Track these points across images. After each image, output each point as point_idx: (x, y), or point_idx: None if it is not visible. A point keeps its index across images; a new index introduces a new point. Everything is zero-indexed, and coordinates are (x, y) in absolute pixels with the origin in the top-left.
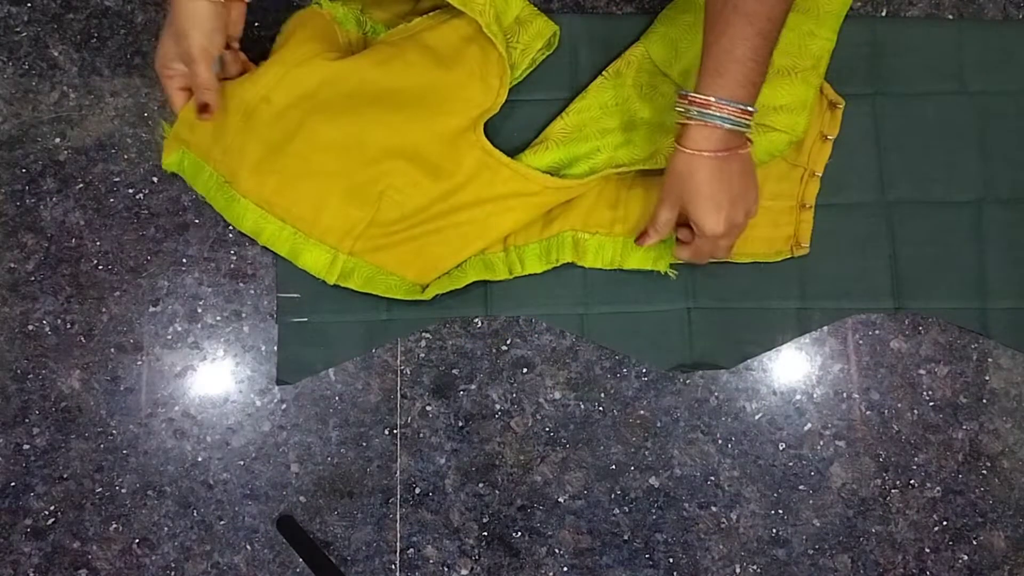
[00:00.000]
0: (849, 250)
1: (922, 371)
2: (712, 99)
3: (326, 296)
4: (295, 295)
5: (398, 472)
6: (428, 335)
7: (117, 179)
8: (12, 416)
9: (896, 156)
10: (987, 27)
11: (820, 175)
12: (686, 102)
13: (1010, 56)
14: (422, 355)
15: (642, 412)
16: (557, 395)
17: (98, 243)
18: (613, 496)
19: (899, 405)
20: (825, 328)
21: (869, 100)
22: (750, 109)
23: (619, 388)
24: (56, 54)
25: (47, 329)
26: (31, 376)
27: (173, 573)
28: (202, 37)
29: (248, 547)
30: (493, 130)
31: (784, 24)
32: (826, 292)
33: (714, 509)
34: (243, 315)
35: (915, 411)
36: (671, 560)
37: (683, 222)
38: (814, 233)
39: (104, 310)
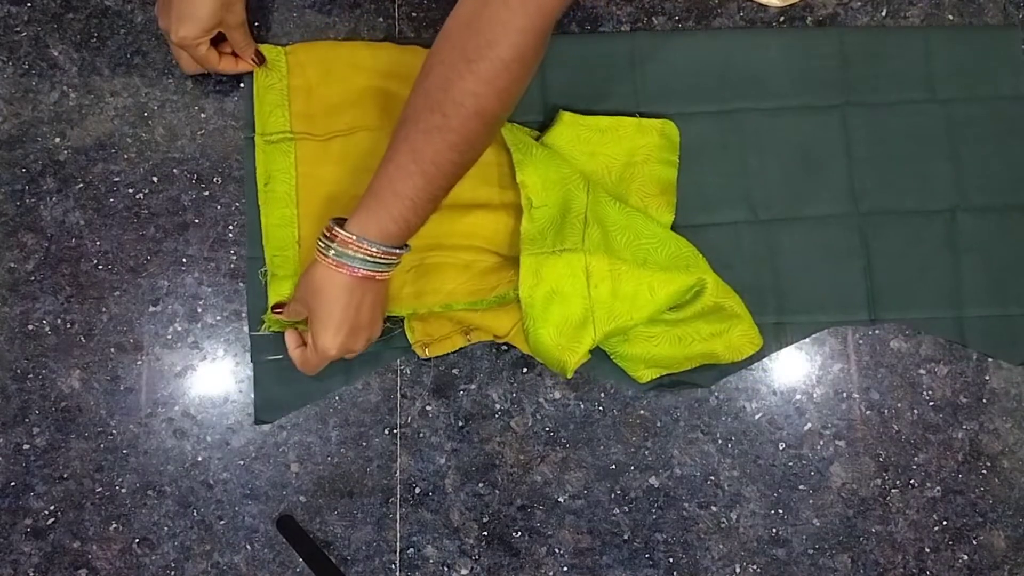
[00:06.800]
0: (823, 263)
1: (922, 371)
2: (354, 238)
3: None
4: (267, 332)
5: (398, 472)
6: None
7: (117, 179)
8: (12, 416)
9: (867, 167)
10: (954, 33)
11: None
12: (328, 238)
13: (978, 62)
14: None
15: (642, 412)
16: (557, 395)
17: (98, 243)
18: (613, 496)
19: (899, 405)
20: (825, 328)
21: (839, 111)
22: (396, 251)
23: (619, 388)
24: (56, 54)
25: (47, 329)
26: (31, 376)
27: (173, 573)
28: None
29: (248, 547)
30: None
31: (455, 177)
32: (801, 306)
33: (714, 509)
34: (243, 315)
35: (915, 411)
36: (671, 560)
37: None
38: (789, 246)
39: (104, 310)
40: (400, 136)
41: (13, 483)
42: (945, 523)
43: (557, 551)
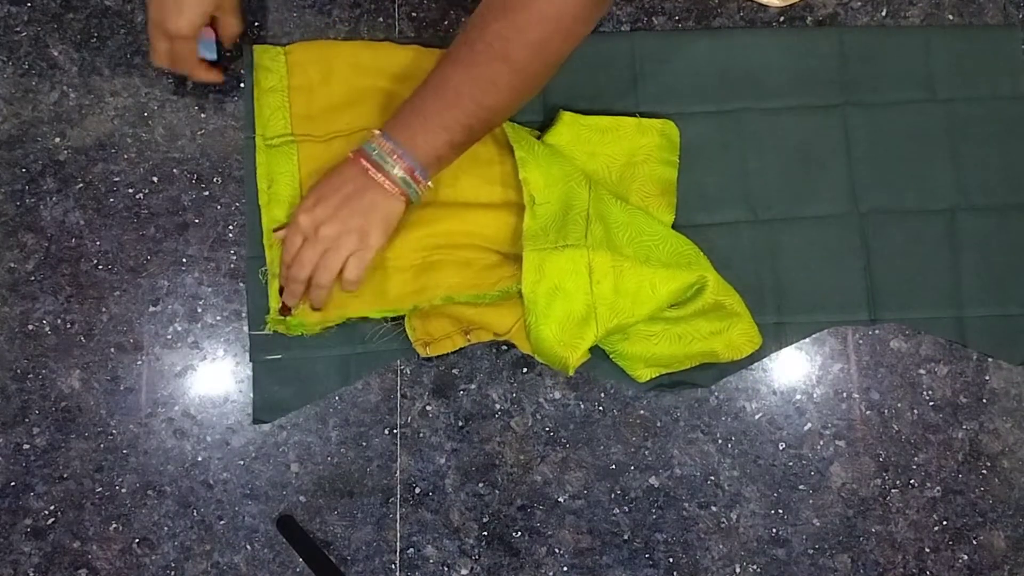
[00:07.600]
0: (823, 262)
1: (922, 371)
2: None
3: None
4: (268, 332)
5: (398, 472)
6: None
7: (117, 179)
8: (12, 416)
9: (867, 166)
10: (954, 33)
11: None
12: (377, 143)
13: (978, 62)
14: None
15: (642, 412)
16: (557, 395)
17: (98, 243)
18: (613, 496)
19: (899, 405)
20: (825, 328)
21: (839, 111)
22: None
23: (619, 388)
24: (56, 54)
25: (47, 329)
26: (31, 376)
27: (173, 573)
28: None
29: (248, 547)
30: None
31: (474, 118)
32: (801, 306)
33: (714, 509)
34: (243, 315)
35: (915, 411)
36: (671, 560)
37: None
38: (789, 246)
39: (104, 310)
40: (436, 65)
41: (13, 483)
42: (945, 523)
43: (557, 551)
